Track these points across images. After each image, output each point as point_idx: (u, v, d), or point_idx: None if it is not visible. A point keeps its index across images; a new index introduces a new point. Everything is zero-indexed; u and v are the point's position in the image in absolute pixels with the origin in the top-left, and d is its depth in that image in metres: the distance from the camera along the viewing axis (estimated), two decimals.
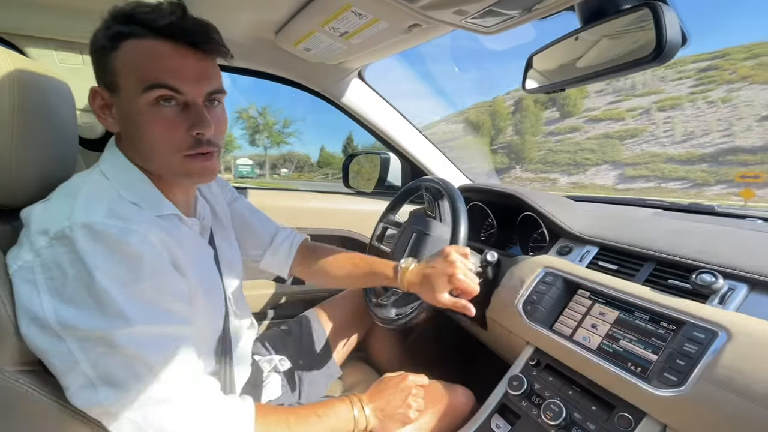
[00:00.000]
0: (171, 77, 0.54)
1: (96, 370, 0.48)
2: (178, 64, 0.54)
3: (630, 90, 33.14)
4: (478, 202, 1.31)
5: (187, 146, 0.57)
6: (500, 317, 0.92)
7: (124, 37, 0.53)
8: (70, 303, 0.47)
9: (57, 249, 0.48)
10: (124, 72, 0.54)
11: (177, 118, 0.56)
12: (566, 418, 0.68)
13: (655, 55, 0.51)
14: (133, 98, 0.54)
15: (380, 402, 0.71)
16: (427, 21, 0.72)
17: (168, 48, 0.54)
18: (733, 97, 27.30)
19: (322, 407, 0.66)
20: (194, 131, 0.56)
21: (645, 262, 0.78)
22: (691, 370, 0.57)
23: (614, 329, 0.71)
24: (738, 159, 22.45)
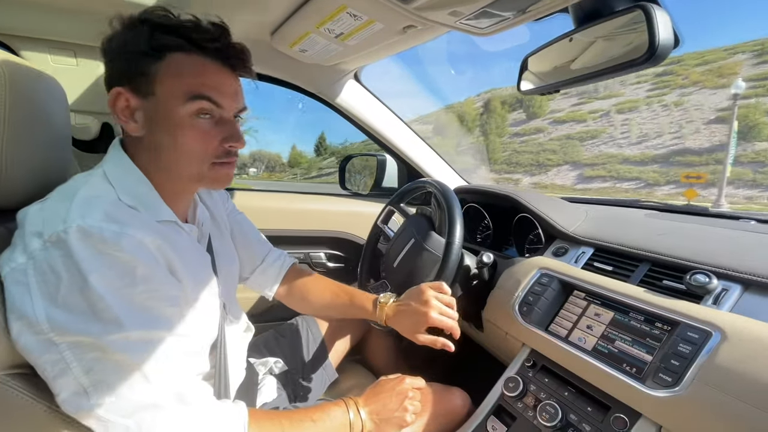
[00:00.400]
0: (213, 92, 0.58)
1: (88, 375, 0.47)
2: (220, 81, 0.59)
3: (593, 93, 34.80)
4: (474, 204, 1.32)
5: (218, 155, 0.61)
6: (496, 318, 0.92)
7: (171, 49, 0.56)
8: (63, 307, 0.47)
9: (51, 252, 0.47)
10: (166, 80, 0.56)
11: (212, 131, 0.60)
12: (562, 420, 0.68)
13: (648, 56, 0.51)
14: (173, 106, 0.56)
15: (376, 405, 0.71)
16: (422, 22, 0.72)
17: (213, 66, 0.59)
18: (685, 101, 28.78)
19: (317, 411, 0.66)
20: (228, 144, 0.61)
21: (640, 263, 0.78)
22: (686, 371, 0.57)
23: (609, 330, 0.71)
24: (686, 160, 23.56)
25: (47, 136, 0.62)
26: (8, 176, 0.55)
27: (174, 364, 0.52)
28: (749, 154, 21.48)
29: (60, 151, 0.66)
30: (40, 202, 0.54)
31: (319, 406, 0.68)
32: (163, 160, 0.60)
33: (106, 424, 0.48)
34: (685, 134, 24.29)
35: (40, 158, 0.61)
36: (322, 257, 1.45)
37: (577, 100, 34.40)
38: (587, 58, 0.66)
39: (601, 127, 28.56)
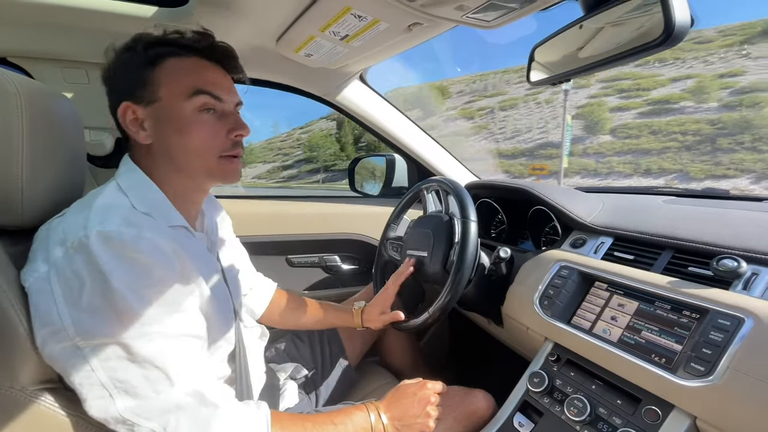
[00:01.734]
0: (213, 87, 0.62)
1: (112, 379, 0.49)
2: (217, 77, 0.64)
3: (482, 91, 37.22)
4: (486, 199, 1.30)
5: (226, 148, 0.64)
6: (516, 314, 0.91)
7: (166, 56, 0.61)
8: (87, 311, 0.48)
9: (74, 258, 0.49)
10: (166, 83, 0.60)
11: (217, 124, 0.63)
12: (591, 414, 0.66)
13: (665, 38, 0.50)
14: (178, 104, 0.60)
15: (398, 411, 0.70)
16: (428, 19, 0.71)
17: (204, 65, 0.63)
18: (554, 99, 31.03)
19: (338, 415, 0.66)
20: (234, 134, 0.64)
21: (663, 251, 0.76)
22: (719, 359, 0.55)
23: (635, 320, 0.70)
24: (547, 153, 24.63)
25: (64, 155, 0.64)
26: (27, 197, 0.57)
27: (196, 365, 0.54)
28: (594, 146, 23.26)
29: (76, 169, 0.68)
30: (59, 216, 0.56)
31: (342, 410, 0.68)
32: (174, 161, 0.62)
33: (132, 427, 0.49)
34: (549, 129, 25.75)
35: (58, 177, 0.63)
36: (337, 260, 1.45)
37: (469, 98, 36.81)
38: (598, 44, 0.65)
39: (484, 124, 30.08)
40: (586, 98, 27.82)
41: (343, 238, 1.45)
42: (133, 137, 0.62)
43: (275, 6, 0.79)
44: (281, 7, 0.79)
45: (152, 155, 0.63)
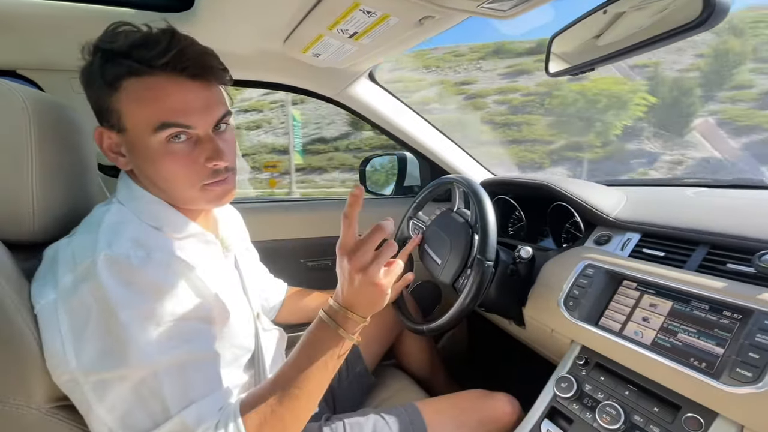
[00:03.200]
0: (179, 115, 0.53)
1: (113, 413, 0.47)
2: (183, 99, 0.53)
3: None
4: (503, 196, 1.27)
5: (205, 177, 0.57)
6: (540, 315, 0.88)
7: (122, 78, 0.52)
8: (90, 343, 0.47)
9: (81, 286, 0.48)
10: (129, 113, 0.53)
11: (192, 153, 0.55)
12: (626, 422, 0.63)
13: (706, 17, 0.46)
14: (144, 138, 0.53)
15: (361, 304, 0.55)
16: (440, 11, 0.68)
17: (170, 84, 0.52)
18: None
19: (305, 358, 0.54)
20: (211, 164, 0.56)
21: (696, 246, 0.72)
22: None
23: (669, 321, 0.66)
24: (315, 148, 24.39)
25: (74, 166, 0.63)
26: (39, 211, 0.56)
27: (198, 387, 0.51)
28: (356, 142, 23.64)
29: (87, 180, 0.67)
30: (68, 237, 0.55)
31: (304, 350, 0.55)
32: (159, 187, 0.58)
33: None
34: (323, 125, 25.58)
35: (69, 190, 0.62)
36: None
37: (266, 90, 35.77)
38: (624, 29, 0.61)
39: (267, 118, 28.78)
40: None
41: None
42: (113, 163, 0.59)
43: (282, 6, 0.77)
44: (288, 6, 0.77)
45: (139, 177, 0.60)
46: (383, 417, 0.80)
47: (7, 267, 0.52)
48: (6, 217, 0.55)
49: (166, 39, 0.52)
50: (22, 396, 0.49)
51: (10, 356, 0.48)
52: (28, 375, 0.48)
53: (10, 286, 0.50)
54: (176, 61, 0.52)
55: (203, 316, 0.55)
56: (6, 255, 0.53)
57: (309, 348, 0.54)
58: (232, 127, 0.62)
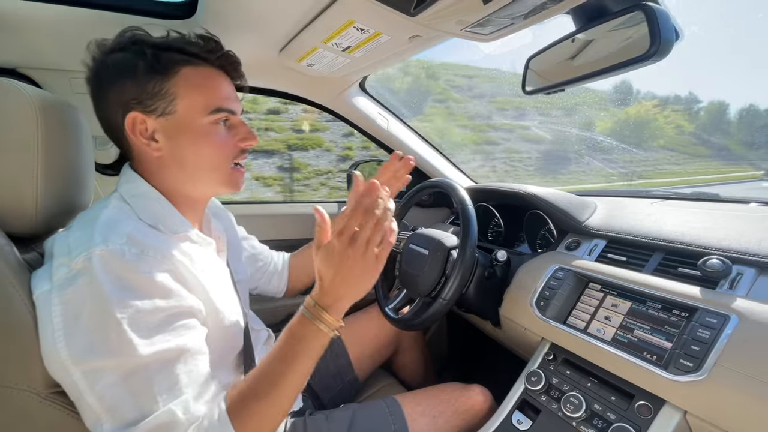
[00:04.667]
0: (228, 102, 0.64)
1: (102, 402, 0.48)
2: (228, 90, 0.65)
3: None
4: (483, 203, 1.33)
5: (235, 156, 0.66)
6: (514, 315, 0.94)
7: (179, 64, 0.60)
8: (81, 334, 0.48)
9: (76, 279, 0.49)
10: (185, 95, 0.60)
11: (228, 135, 0.65)
12: (587, 410, 0.69)
13: (654, 51, 0.53)
14: (194, 120, 0.61)
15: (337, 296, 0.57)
16: (428, 32, 0.74)
17: (220, 76, 0.64)
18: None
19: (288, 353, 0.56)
20: (244, 144, 0.66)
21: (654, 252, 0.79)
22: (707, 355, 0.58)
23: (628, 320, 0.73)
24: None
25: (75, 163, 0.65)
26: (41, 205, 0.58)
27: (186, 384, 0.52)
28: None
29: (85, 177, 0.69)
30: (65, 230, 0.57)
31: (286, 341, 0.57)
32: (186, 171, 0.62)
33: None
34: None
35: (69, 186, 0.64)
36: None
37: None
38: (590, 56, 0.68)
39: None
40: None
41: None
42: (141, 149, 0.60)
43: (281, 19, 0.82)
44: (287, 19, 0.82)
45: (161, 166, 0.62)
46: (363, 409, 0.84)
47: (11, 257, 0.54)
48: (10, 209, 0.57)
49: (213, 41, 0.64)
50: (23, 380, 0.51)
51: (12, 342, 0.50)
52: (29, 360, 0.50)
53: (13, 275, 0.52)
54: (223, 59, 0.65)
55: (194, 313, 0.57)
56: (9, 246, 0.55)
57: (291, 342, 0.56)
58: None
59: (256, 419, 0.53)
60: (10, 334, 0.51)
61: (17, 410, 0.52)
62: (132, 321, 0.49)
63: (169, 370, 0.50)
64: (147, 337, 0.49)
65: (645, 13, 0.55)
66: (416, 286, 1.00)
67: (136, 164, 0.64)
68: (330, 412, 0.84)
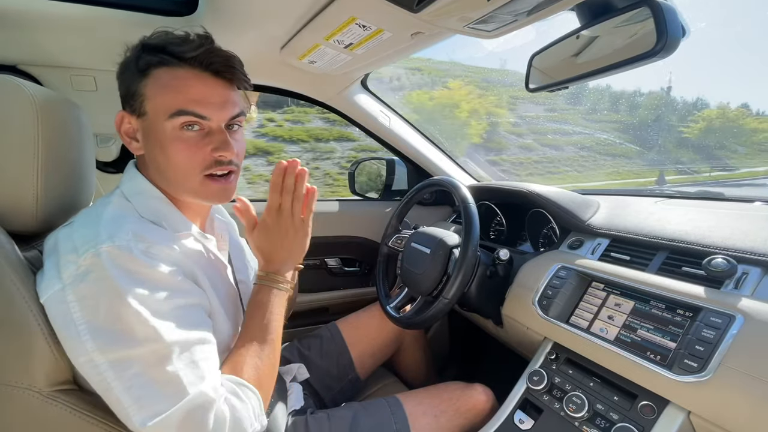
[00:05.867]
0: (196, 105, 0.58)
1: (129, 393, 0.49)
2: (203, 92, 0.59)
3: None
4: (485, 202, 1.33)
5: (208, 166, 0.60)
6: (516, 314, 0.93)
7: (153, 66, 0.58)
8: (103, 327, 0.49)
9: (87, 276, 0.50)
10: (151, 97, 0.58)
11: (200, 142, 0.60)
12: (589, 410, 0.69)
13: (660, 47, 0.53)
14: (160, 122, 0.58)
15: (280, 258, 0.69)
16: (430, 28, 0.74)
17: (195, 77, 0.58)
18: None
19: (260, 315, 0.65)
20: (217, 154, 0.60)
21: (657, 251, 0.79)
22: (711, 356, 0.57)
23: (631, 319, 0.72)
24: None
25: (76, 161, 0.65)
26: (41, 203, 0.58)
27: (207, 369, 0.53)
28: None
29: (86, 175, 0.69)
30: (67, 227, 0.57)
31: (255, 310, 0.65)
32: (164, 175, 0.62)
33: None
34: None
35: (69, 183, 0.64)
36: (338, 262, 1.47)
37: None
38: (594, 53, 0.67)
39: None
40: None
41: (343, 241, 1.47)
42: (127, 147, 0.63)
43: (282, 16, 0.81)
44: (288, 16, 0.81)
45: (148, 165, 0.63)
46: (365, 408, 0.84)
47: (12, 255, 0.54)
48: (11, 207, 0.57)
49: (200, 39, 0.59)
50: (25, 379, 0.51)
51: (13, 340, 0.50)
52: (31, 358, 0.50)
53: (14, 273, 0.52)
54: (204, 56, 0.58)
55: (202, 306, 0.58)
56: (10, 244, 0.55)
57: (262, 310, 0.65)
58: (242, 130, 0.67)
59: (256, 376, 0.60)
60: (11, 333, 0.51)
61: (19, 409, 0.52)
62: (150, 310, 0.50)
63: (190, 355, 0.52)
64: (167, 325, 0.51)
65: (651, 9, 0.54)
66: (418, 285, 1.00)
67: (138, 161, 0.65)
68: (331, 411, 0.84)
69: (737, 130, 16.17)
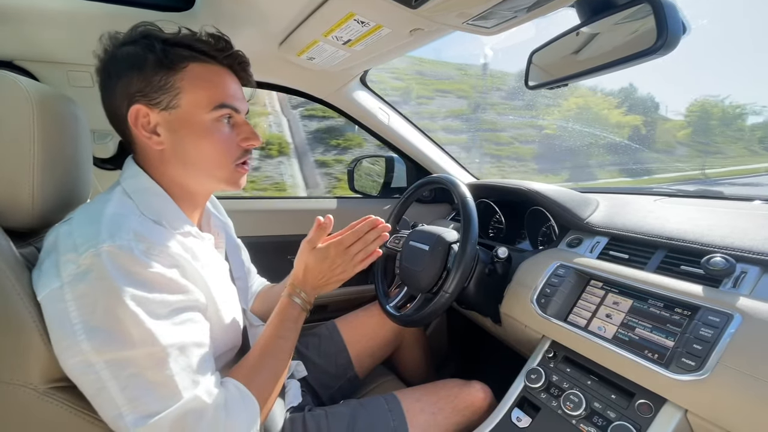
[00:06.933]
0: (233, 99, 0.63)
1: (124, 393, 0.48)
2: (235, 88, 0.65)
3: None
4: (484, 199, 1.33)
5: (239, 156, 0.66)
6: (514, 312, 0.93)
7: (187, 60, 0.60)
8: (100, 327, 0.48)
9: (87, 275, 0.49)
10: (190, 90, 0.60)
11: (232, 134, 0.65)
12: (586, 408, 0.69)
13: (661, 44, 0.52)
14: (199, 114, 0.61)
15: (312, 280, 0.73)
16: (429, 24, 0.73)
17: (227, 74, 0.64)
18: None
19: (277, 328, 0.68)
20: (247, 144, 0.66)
21: (656, 250, 0.79)
22: (709, 354, 0.57)
23: (629, 318, 0.72)
24: None
25: (72, 158, 0.65)
26: (38, 199, 0.58)
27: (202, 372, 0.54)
28: None
29: (83, 171, 0.69)
30: (66, 224, 0.56)
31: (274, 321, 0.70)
32: (188, 167, 0.62)
33: None
34: None
35: (66, 180, 0.64)
36: None
37: None
38: (594, 50, 0.67)
39: None
40: None
41: None
42: (143, 142, 0.61)
43: (280, 12, 0.81)
44: (286, 12, 0.80)
45: (163, 160, 0.62)
46: (363, 405, 0.84)
47: (8, 252, 0.53)
48: (6, 204, 0.57)
49: (224, 40, 0.64)
50: (20, 375, 0.50)
51: (8, 337, 0.50)
52: (26, 355, 0.50)
53: (10, 270, 0.51)
54: (232, 58, 0.65)
55: (199, 308, 0.58)
56: (6, 241, 0.55)
57: (286, 324, 0.69)
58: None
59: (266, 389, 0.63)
60: (7, 330, 0.50)
61: (15, 406, 0.52)
62: (147, 311, 0.50)
63: (186, 358, 0.52)
64: (164, 327, 0.51)
65: (652, 6, 0.54)
66: (417, 283, 1.00)
67: (138, 157, 0.64)
68: (329, 408, 0.84)
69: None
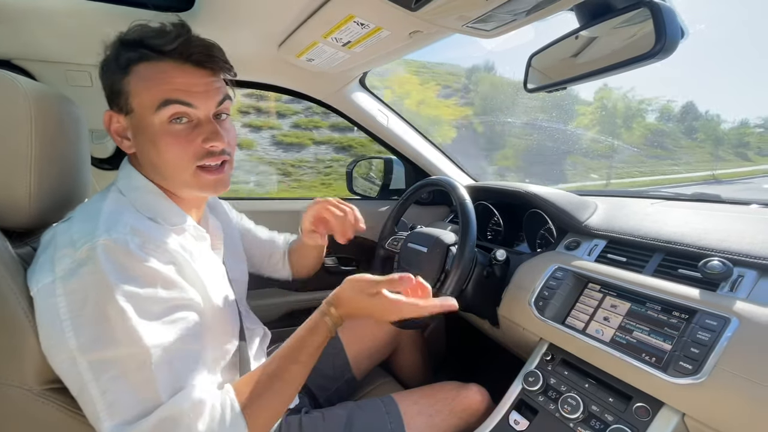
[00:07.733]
0: (181, 93, 0.58)
1: (103, 397, 0.47)
2: (187, 82, 0.58)
3: None
4: (483, 202, 1.33)
5: (199, 157, 0.60)
6: (512, 314, 0.93)
7: (134, 62, 0.57)
8: (88, 323, 0.48)
9: (80, 269, 0.49)
10: (136, 93, 0.57)
11: (190, 134, 0.59)
12: (584, 411, 0.69)
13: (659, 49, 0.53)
14: (148, 117, 0.58)
15: (353, 314, 0.64)
16: (429, 27, 0.73)
17: (176, 68, 0.58)
18: None
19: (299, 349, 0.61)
20: (208, 144, 0.60)
21: (653, 253, 0.79)
22: (706, 358, 0.57)
23: (627, 321, 0.72)
24: None
25: (70, 157, 0.65)
26: (35, 199, 0.58)
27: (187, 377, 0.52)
28: None
29: (81, 171, 0.68)
30: (65, 222, 0.56)
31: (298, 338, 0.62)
32: (157, 171, 0.62)
33: None
34: None
35: (64, 180, 0.64)
36: (335, 261, 1.47)
37: None
38: (593, 53, 0.67)
39: None
40: None
41: None
42: (118, 146, 0.62)
43: (280, 13, 0.81)
44: (285, 14, 0.80)
45: (141, 163, 0.62)
46: (360, 408, 0.83)
47: (4, 252, 0.53)
48: (4, 204, 0.56)
49: (176, 30, 0.58)
50: (15, 377, 0.50)
51: (4, 338, 0.50)
52: (21, 356, 0.50)
53: (6, 270, 0.51)
54: (183, 47, 0.57)
55: (193, 306, 0.57)
56: (2, 240, 0.54)
57: (302, 343, 0.61)
58: (230, 119, 0.66)
59: (262, 416, 0.56)
60: (2, 330, 0.50)
61: (10, 407, 0.51)
62: (136, 310, 0.49)
63: (171, 361, 0.51)
64: (151, 327, 0.50)
65: (651, 10, 0.54)
66: None
67: (131, 158, 0.65)
68: (326, 410, 0.83)
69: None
